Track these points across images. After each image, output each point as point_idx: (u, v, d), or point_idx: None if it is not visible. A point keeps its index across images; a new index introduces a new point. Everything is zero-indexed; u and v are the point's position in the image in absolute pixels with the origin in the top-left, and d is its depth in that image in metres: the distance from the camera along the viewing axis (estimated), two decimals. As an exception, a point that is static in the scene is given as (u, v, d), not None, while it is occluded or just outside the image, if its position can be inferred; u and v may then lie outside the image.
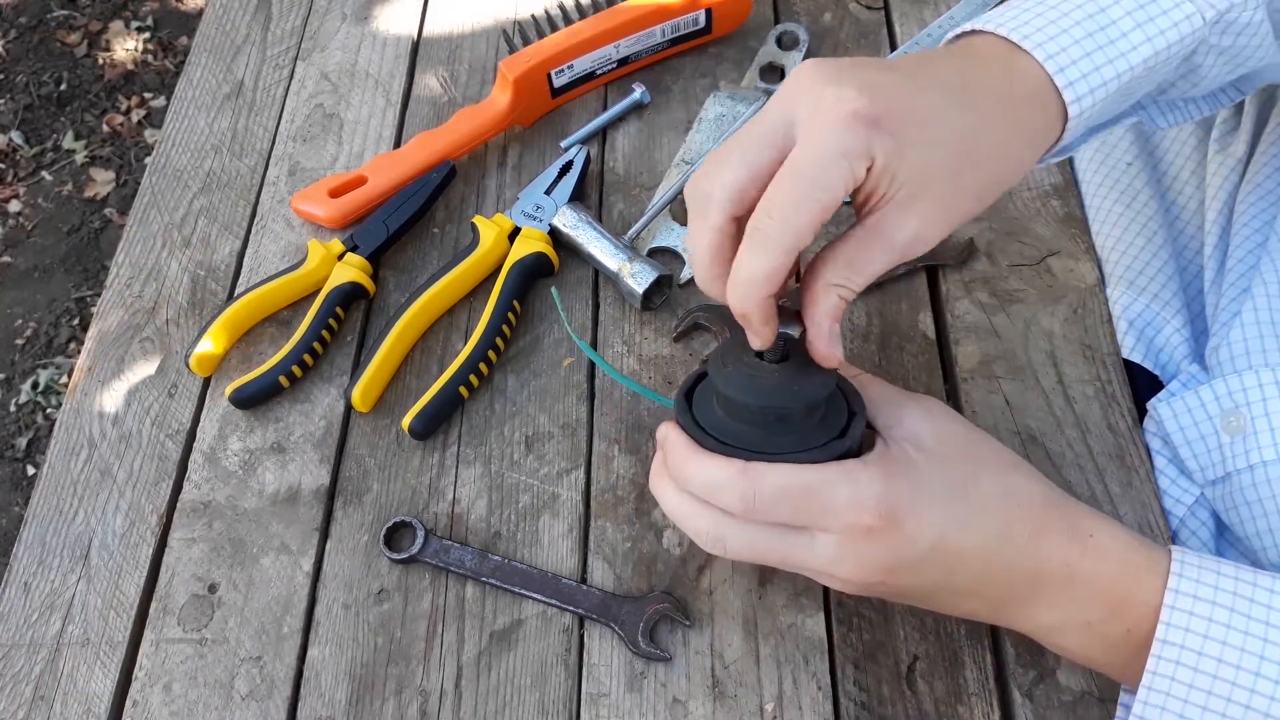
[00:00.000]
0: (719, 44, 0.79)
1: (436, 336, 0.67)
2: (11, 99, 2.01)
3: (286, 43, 0.83)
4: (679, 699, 0.53)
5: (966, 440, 0.47)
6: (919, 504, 0.44)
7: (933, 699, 0.53)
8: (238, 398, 0.64)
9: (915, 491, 0.44)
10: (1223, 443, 0.55)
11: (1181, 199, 0.67)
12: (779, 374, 0.45)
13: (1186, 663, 0.42)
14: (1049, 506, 0.46)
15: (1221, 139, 0.64)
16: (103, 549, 0.61)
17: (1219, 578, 0.43)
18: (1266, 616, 0.42)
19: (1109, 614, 0.45)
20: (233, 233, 0.73)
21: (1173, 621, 0.43)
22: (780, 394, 0.45)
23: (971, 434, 0.48)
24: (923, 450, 0.45)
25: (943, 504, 0.44)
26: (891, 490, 0.43)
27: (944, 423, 0.47)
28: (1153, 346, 0.62)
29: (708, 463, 0.45)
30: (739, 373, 0.46)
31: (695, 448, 0.46)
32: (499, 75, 0.73)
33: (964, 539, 0.44)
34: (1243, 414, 0.54)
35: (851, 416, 0.46)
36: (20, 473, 1.59)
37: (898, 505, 0.43)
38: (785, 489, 0.43)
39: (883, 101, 0.40)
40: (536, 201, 0.70)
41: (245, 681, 0.56)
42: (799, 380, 0.45)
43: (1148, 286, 0.63)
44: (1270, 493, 0.52)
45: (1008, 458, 0.47)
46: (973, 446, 0.47)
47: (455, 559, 0.58)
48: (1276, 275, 0.56)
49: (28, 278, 1.80)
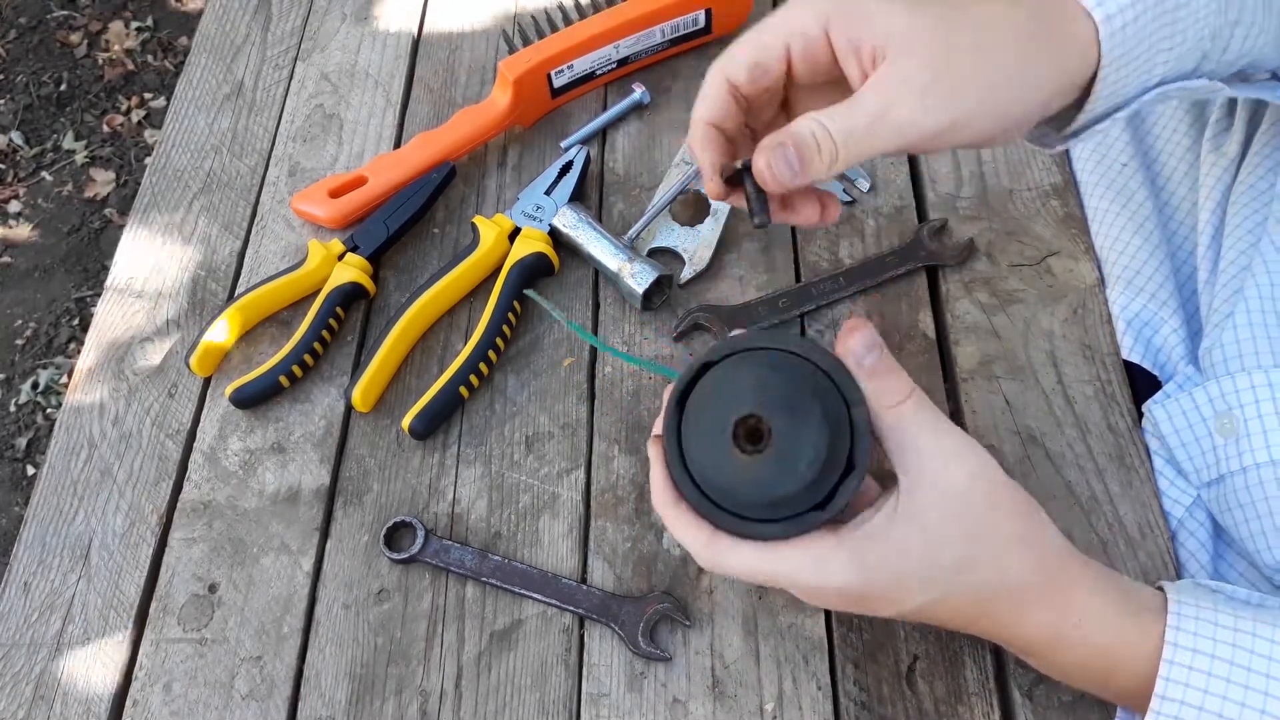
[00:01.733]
0: (719, 44, 0.79)
1: (436, 336, 0.67)
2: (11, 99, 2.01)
3: (286, 43, 0.83)
4: (679, 699, 0.53)
5: (983, 506, 0.43)
6: (892, 590, 0.43)
7: (933, 699, 0.53)
8: (238, 398, 0.64)
9: (892, 579, 0.43)
10: (1216, 445, 0.55)
11: (1175, 199, 0.67)
12: (755, 467, 0.42)
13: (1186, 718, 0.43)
14: (1044, 585, 0.45)
15: (1215, 139, 0.64)
16: (103, 549, 0.61)
17: (1217, 629, 0.43)
18: (1267, 669, 0.42)
19: (1099, 677, 0.47)
20: (233, 233, 0.73)
21: (1172, 676, 0.43)
22: (751, 488, 0.42)
23: (992, 497, 0.44)
24: (924, 526, 0.42)
25: (919, 590, 0.43)
26: (863, 578, 0.43)
27: (965, 483, 0.43)
28: (1150, 346, 0.62)
29: (678, 521, 0.45)
30: (713, 455, 0.43)
31: (671, 494, 0.45)
32: (499, 75, 0.73)
33: (939, 614, 0.46)
34: (1235, 416, 0.54)
35: (848, 472, 0.43)
36: (20, 473, 1.59)
37: (866, 593, 0.43)
38: (749, 573, 0.44)
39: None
40: (536, 201, 0.70)
41: (245, 681, 0.56)
42: (776, 473, 0.42)
43: (1145, 286, 0.63)
44: (1263, 494, 0.52)
45: (1017, 528, 0.44)
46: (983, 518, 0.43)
47: (455, 559, 0.58)
48: (1269, 276, 0.56)
49: (28, 278, 1.80)
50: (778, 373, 0.42)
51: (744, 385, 0.42)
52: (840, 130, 0.42)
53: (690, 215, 0.70)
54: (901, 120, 0.41)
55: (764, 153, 0.43)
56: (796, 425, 0.41)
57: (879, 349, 0.43)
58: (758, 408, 0.42)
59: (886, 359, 0.43)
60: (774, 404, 0.42)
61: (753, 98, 0.47)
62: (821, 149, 0.42)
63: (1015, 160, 0.71)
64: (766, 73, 0.45)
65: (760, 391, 0.42)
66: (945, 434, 0.43)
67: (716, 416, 0.42)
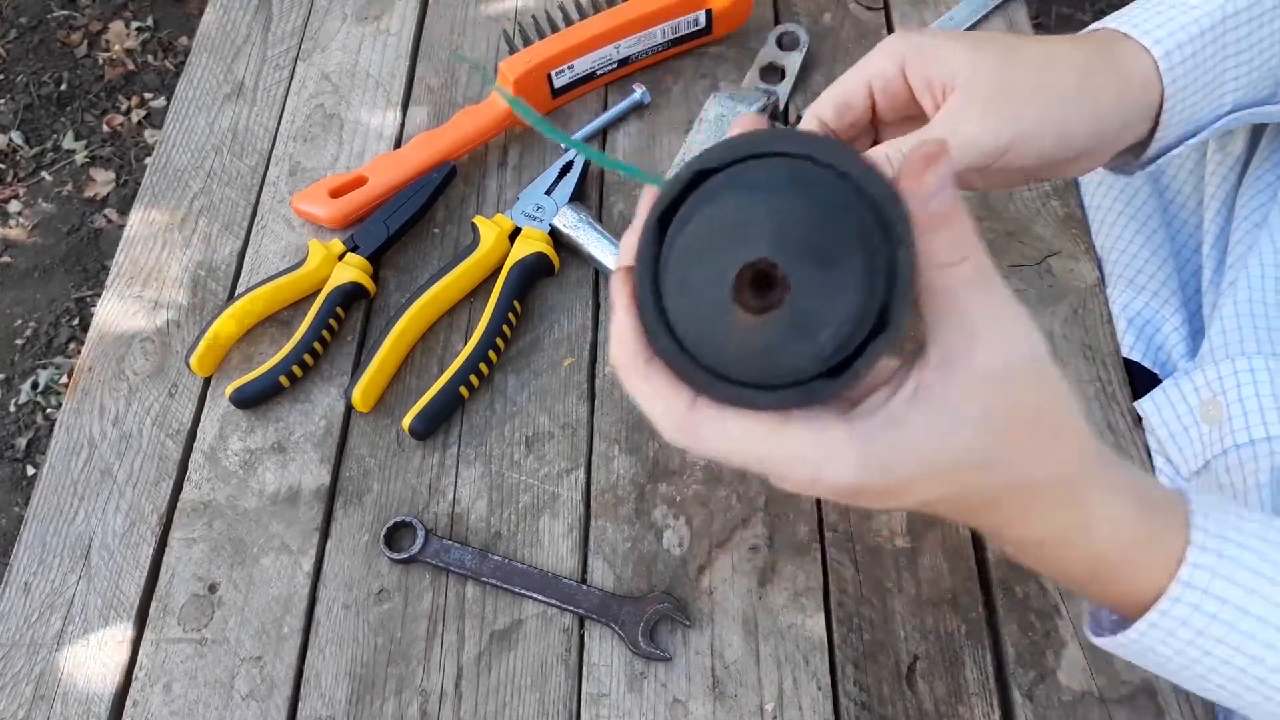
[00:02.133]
0: (719, 44, 0.79)
1: (437, 336, 0.67)
2: (11, 99, 2.01)
3: (287, 43, 0.83)
4: (679, 699, 0.53)
5: (1022, 400, 0.36)
6: (898, 489, 0.36)
7: (933, 699, 0.53)
8: (238, 398, 0.64)
9: (902, 479, 0.35)
10: (1202, 433, 0.55)
11: (1180, 197, 0.67)
12: (761, 330, 0.31)
13: (1207, 608, 0.39)
14: (1063, 486, 0.39)
15: (1221, 138, 0.64)
16: (103, 549, 0.61)
17: (1243, 521, 0.41)
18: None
19: (1087, 577, 0.42)
20: (233, 233, 0.73)
21: (1199, 562, 0.39)
22: (751, 356, 0.32)
23: (1035, 390, 0.36)
24: (954, 419, 0.35)
25: (929, 490, 0.37)
26: (871, 476, 0.35)
27: (1010, 370, 0.35)
28: (1152, 345, 0.62)
29: (646, 382, 0.35)
30: (703, 307, 0.32)
31: (640, 346, 0.35)
32: (499, 76, 0.73)
33: (938, 510, 0.39)
34: (1220, 403, 0.54)
35: (878, 331, 0.32)
36: (20, 473, 1.59)
37: (868, 491, 0.36)
38: (735, 452, 0.35)
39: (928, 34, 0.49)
40: (537, 201, 0.70)
41: (245, 681, 0.56)
42: (787, 340, 0.31)
43: (1147, 285, 0.63)
44: (1241, 475, 0.53)
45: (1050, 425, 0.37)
46: (1019, 414, 0.36)
47: (455, 559, 0.58)
48: (1260, 266, 0.57)
49: (27, 277, 1.80)
50: (804, 196, 0.30)
51: (756, 212, 0.30)
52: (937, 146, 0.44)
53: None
54: (965, 137, 0.46)
55: None
56: (825, 279, 0.30)
57: (951, 189, 0.33)
58: (774, 249, 0.30)
59: (959, 203, 0.33)
60: (796, 244, 0.30)
61: (841, 132, 0.51)
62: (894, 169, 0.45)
63: (1015, 160, 0.71)
64: (851, 109, 0.50)
65: (778, 224, 0.30)
66: (1002, 308, 0.35)
67: (714, 254, 0.31)
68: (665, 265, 0.33)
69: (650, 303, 0.33)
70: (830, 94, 0.51)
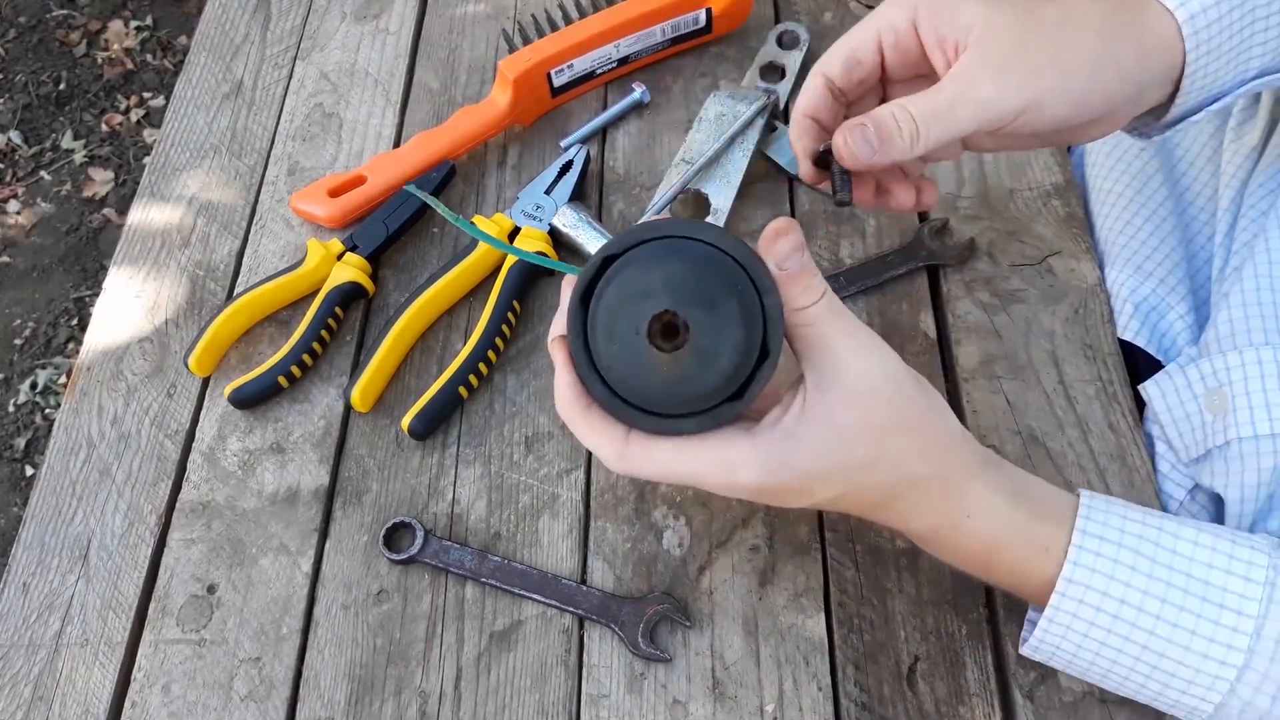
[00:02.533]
0: (719, 43, 0.79)
1: (436, 336, 0.67)
2: (11, 99, 2.00)
3: (286, 42, 0.83)
4: (679, 700, 0.53)
5: (889, 406, 0.43)
6: (802, 486, 0.44)
7: (934, 699, 0.53)
8: (237, 398, 0.63)
9: (802, 477, 0.43)
10: (1205, 421, 0.55)
11: (1196, 185, 0.66)
12: (674, 365, 0.40)
13: (1090, 601, 0.44)
14: (942, 480, 0.45)
15: (1238, 127, 0.63)
16: (101, 549, 0.60)
17: (1126, 521, 0.45)
18: (1171, 561, 0.44)
19: (981, 564, 0.48)
20: (232, 232, 0.73)
21: (1080, 561, 0.44)
22: (669, 386, 0.41)
23: (898, 396, 0.44)
24: (833, 425, 0.43)
25: (827, 486, 0.44)
26: (775, 477, 0.43)
27: (872, 383, 0.43)
28: (1156, 330, 0.62)
29: (589, 425, 0.44)
30: (627, 354, 0.41)
31: (580, 396, 0.44)
32: (499, 75, 0.73)
33: (844, 506, 0.47)
34: (1225, 393, 0.54)
35: (762, 359, 0.41)
36: (19, 473, 1.59)
37: (778, 489, 0.44)
38: (666, 474, 0.44)
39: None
40: (536, 201, 0.69)
41: (244, 682, 0.56)
42: (696, 370, 0.40)
43: (1154, 271, 0.63)
44: (1240, 468, 0.53)
45: (919, 426, 0.45)
46: (889, 418, 0.44)
47: (455, 559, 0.58)
48: (1268, 256, 0.56)
49: (26, 277, 1.79)
50: (688, 263, 0.40)
51: (655, 279, 0.40)
52: (921, 111, 0.45)
53: (690, 215, 0.70)
54: (980, 99, 0.45)
55: (843, 131, 0.46)
56: (715, 319, 0.40)
57: (801, 252, 0.42)
58: (673, 303, 0.40)
59: (807, 261, 0.42)
60: (690, 297, 0.40)
61: (849, 90, 0.50)
62: (902, 129, 0.45)
63: (1016, 160, 0.71)
64: (860, 65, 0.49)
65: (674, 285, 0.40)
66: (854, 334, 0.43)
67: (629, 313, 0.40)
68: (592, 328, 0.42)
69: (584, 359, 0.42)
70: (838, 49, 0.49)
